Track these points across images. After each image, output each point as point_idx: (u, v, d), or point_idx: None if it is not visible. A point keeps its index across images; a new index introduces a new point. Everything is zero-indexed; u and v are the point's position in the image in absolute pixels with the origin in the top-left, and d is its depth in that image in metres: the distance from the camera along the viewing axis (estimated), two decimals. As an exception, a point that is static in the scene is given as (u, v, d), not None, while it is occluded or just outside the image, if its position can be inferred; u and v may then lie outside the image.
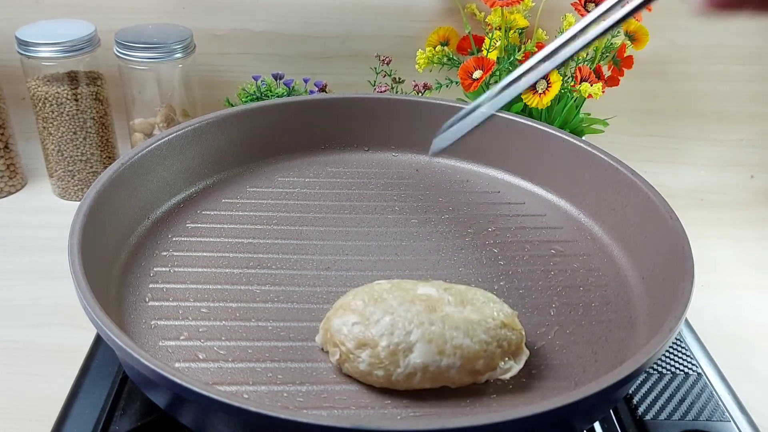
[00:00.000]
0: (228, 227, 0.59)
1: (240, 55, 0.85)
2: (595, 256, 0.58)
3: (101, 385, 0.51)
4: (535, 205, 0.64)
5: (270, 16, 0.83)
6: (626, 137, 0.87)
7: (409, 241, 0.58)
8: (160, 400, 0.42)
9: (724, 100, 0.86)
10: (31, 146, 0.82)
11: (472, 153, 0.69)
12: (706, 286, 0.68)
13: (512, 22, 0.73)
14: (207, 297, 0.51)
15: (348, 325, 0.44)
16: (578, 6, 0.69)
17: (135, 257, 0.54)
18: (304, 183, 0.65)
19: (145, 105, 0.77)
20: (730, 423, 0.50)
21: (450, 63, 0.77)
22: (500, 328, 0.44)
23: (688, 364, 0.55)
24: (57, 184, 0.78)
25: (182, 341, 0.47)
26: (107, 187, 0.53)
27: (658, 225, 0.53)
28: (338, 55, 0.85)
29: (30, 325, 0.61)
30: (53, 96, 0.72)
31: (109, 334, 0.40)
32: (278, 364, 0.46)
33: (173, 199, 0.61)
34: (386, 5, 0.82)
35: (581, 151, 0.62)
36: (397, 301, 0.44)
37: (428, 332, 0.43)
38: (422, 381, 0.43)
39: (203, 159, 0.63)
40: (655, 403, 0.51)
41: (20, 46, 0.70)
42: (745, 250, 0.76)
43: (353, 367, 0.44)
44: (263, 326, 0.49)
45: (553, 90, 0.67)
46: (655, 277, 0.52)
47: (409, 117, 0.69)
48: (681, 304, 0.44)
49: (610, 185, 0.59)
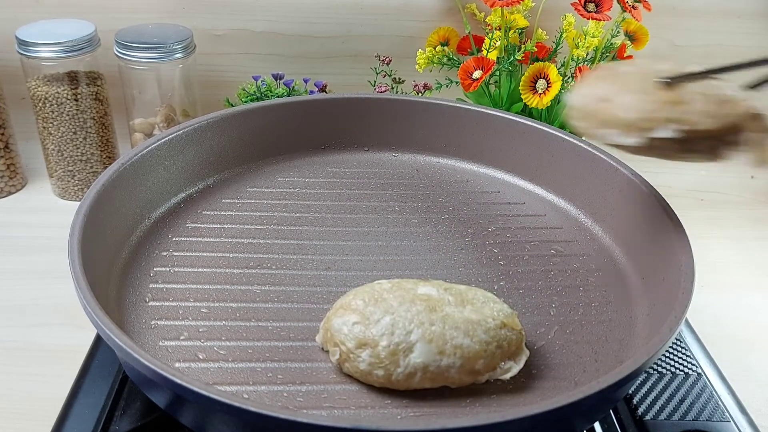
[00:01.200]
0: (228, 227, 0.59)
1: (240, 55, 0.85)
2: (595, 256, 0.58)
3: (101, 385, 0.51)
4: (535, 205, 0.64)
5: (270, 16, 0.83)
6: (626, 137, 0.87)
7: (409, 241, 0.58)
8: (160, 400, 0.42)
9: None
10: (31, 146, 0.82)
11: (472, 153, 0.69)
12: (706, 286, 0.68)
13: (512, 22, 0.73)
14: (207, 297, 0.51)
15: (348, 325, 0.44)
16: (578, 6, 0.69)
17: (135, 257, 0.54)
18: (304, 183, 0.65)
19: (145, 105, 0.77)
20: (730, 423, 0.50)
21: (450, 63, 0.77)
22: (500, 328, 0.44)
23: (688, 364, 0.55)
24: (57, 184, 0.78)
25: (182, 341, 0.47)
26: (107, 187, 0.53)
27: (658, 225, 0.53)
28: (338, 55, 0.85)
29: (30, 325, 0.61)
30: (53, 96, 0.72)
31: (109, 334, 0.40)
32: (278, 364, 0.46)
33: (173, 199, 0.61)
34: (386, 5, 0.82)
35: (581, 151, 0.62)
36: (397, 301, 0.44)
37: (428, 332, 0.43)
38: (422, 381, 0.43)
39: (203, 159, 0.63)
40: (655, 403, 0.51)
41: (20, 46, 0.70)
42: (745, 250, 0.76)
43: (353, 366, 0.44)
44: (263, 326, 0.49)
45: (553, 90, 0.67)
46: (655, 277, 0.52)
47: (409, 117, 0.69)
48: (681, 304, 0.44)
49: (610, 185, 0.59)
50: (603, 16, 0.68)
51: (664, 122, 0.46)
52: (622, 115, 0.47)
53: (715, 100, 0.46)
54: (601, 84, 0.49)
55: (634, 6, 0.70)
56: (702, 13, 0.82)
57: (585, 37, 0.69)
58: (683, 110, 0.46)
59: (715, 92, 0.47)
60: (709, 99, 0.46)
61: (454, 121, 0.68)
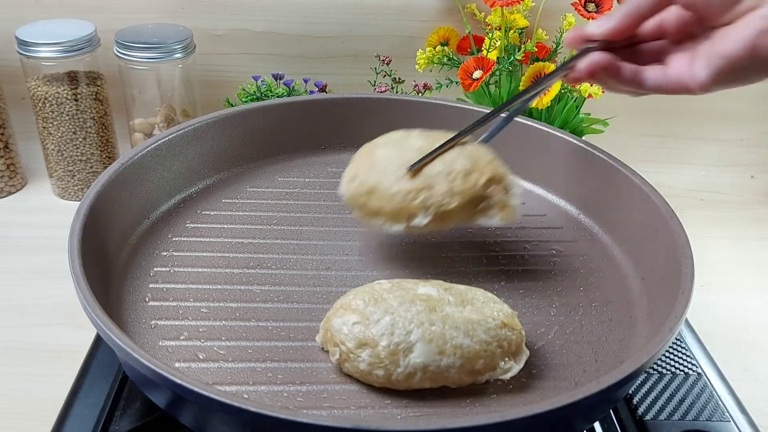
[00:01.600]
0: (228, 227, 0.59)
1: (240, 55, 0.85)
2: (595, 256, 0.58)
3: (101, 385, 0.51)
4: (535, 205, 0.64)
5: (270, 16, 0.83)
6: (626, 137, 0.87)
7: (408, 241, 0.58)
8: (160, 400, 0.42)
9: (724, 100, 0.86)
10: (31, 146, 0.82)
11: (472, 153, 0.69)
12: (706, 286, 0.68)
13: (512, 22, 0.73)
14: (207, 297, 0.51)
15: (348, 325, 0.44)
16: (578, 6, 0.69)
17: (135, 257, 0.54)
18: (304, 183, 0.65)
19: (145, 105, 0.77)
20: (730, 423, 0.50)
21: (450, 63, 0.77)
22: (500, 328, 0.44)
23: (688, 364, 0.55)
24: (57, 184, 0.78)
25: (182, 341, 0.47)
26: (107, 187, 0.53)
27: (658, 225, 0.53)
28: (338, 55, 0.85)
29: (30, 325, 0.61)
30: (53, 96, 0.72)
31: (109, 334, 0.40)
32: (278, 364, 0.46)
33: (173, 199, 0.61)
34: (386, 5, 0.82)
35: (581, 151, 0.62)
36: (397, 301, 0.44)
37: (428, 332, 0.43)
38: (422, 381, 0.43)
39: (203, 159, 0.63)
40: (655, 403, 0.51)
41: (20, 46, 0.70)
42: (745, 250, 0.76)
43: (353, 366, 0.44)
44: (263, 326, 0.49)
45: (553, 90, 0.67)
46: (655, 277, 0.52)
47: (409, 117, 0.69)
48: (681, 304, 0.44)
49: (610, 185, 0.59)
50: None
51: (420, 209, 0.50)
52: (385, 207, 0.50)
53: (461, 174, 0.50)
54: (364, 172, 0.52)
55: (634, 6, 0.70)
56: (702, 13, 0.82)
57: (585, 37, 0.69)
58: (430, 195, 0.49)
59: (459, 166, 0.50)
60: (453, 176, 0.50)
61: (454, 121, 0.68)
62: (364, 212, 0.52)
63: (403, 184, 0.50)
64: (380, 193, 0.51)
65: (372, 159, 0.53)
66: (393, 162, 0.52)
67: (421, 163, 0.51)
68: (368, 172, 0.52)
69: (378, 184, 0.51)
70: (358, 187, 0.52)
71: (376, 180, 0.51)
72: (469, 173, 0.50)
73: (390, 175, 0.51)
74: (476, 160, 0.51)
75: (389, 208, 0.50)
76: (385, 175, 0.51)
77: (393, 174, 0.51)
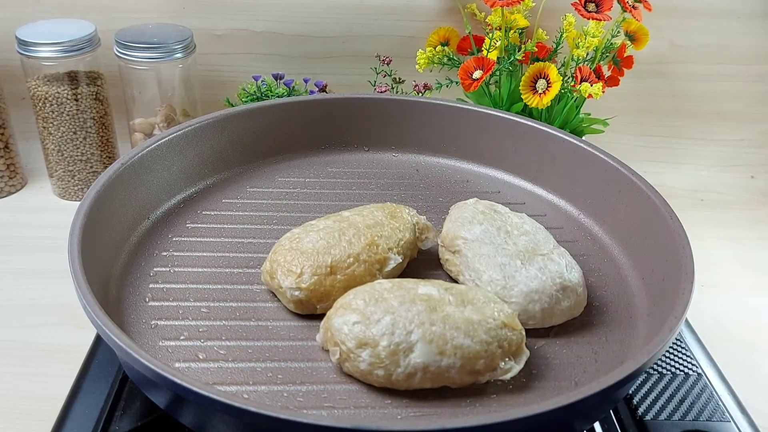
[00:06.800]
0: (228, 227, 0.59)
1: (240, 55, 0.85)
2: (595, 256, 0.58)
3: (101, 385, 0.51)
4: (535, 205, 0.64)
5: (270, 16, 0.83)
6: (626, 137, 0.87)
7: (409, 241, 0.58)
8: (160, 400, 0.42)
9: (725, 100, 0.86)
10: (31, 146, 0.82)
11: (472, 153, 0.69)
12: (706, 286, 0.68)
13: (512, 22, 0.73)
14: (207, 297, 0.51)
15: (349, 325, 0.44)
16: (578, 6, 0.69)
17: (135, 257, 0.54)
18: (304, 183, 0.65)
19: (145, 105, 0.77)
20: (730, 423, 0.50)
21: (450, 63, 0.77)
22: (501, 328, 0.44)
23: (688, 364, 0.55)
24: (57, 184, 0.78)
25: (182, 341, 0.47)
26: (107, 187, 0.53)
27: (658, 225, 0.53)
28: (338, 55, 0.85)
29: (30, 325, 0.61)
30: (53, 96, 0.72)
31: (109, 334, 0.40)
32: (278, 364, 0.46)
33: (173, 199, 0.61)
34: (386, 5, 0.82)
35: (581, 151, 0.62)
36: (397, 301, 0.44)
37: (429, 332, 0.43)
38: (422, 381, 0.43)
39: (203, 159, 0.63)
40: (655, 403, 0.51)
41: (20, 45, 0.70)
42: (745, 250, 0.76)
43: (354, 366, 0.44)
44: (263, 326, 0.49)
45: (553, 90, 0.67)
46: (655, 277, 0.52)
47: (409, 117, 0.69)
48: (681, 304, 0.44)
49: (610, 185, 0.59)
50: (603, 16, 0.68)
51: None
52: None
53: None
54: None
55: (635, 6, 0.70)
56: (702, 13, 0.82)
57: (585, 37, 0.69)
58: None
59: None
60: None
61: (454, 121, 0.68)
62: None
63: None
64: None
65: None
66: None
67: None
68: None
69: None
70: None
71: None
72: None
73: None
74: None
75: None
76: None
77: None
